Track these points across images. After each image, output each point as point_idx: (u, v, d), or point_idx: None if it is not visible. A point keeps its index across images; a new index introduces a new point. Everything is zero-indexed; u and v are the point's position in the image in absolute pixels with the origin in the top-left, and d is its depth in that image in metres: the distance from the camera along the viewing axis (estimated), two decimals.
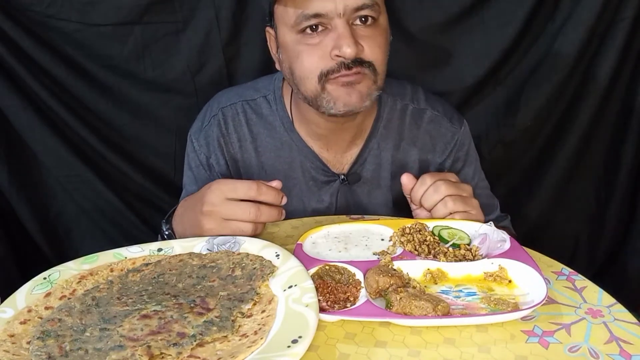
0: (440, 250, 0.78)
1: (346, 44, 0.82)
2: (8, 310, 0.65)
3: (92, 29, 1.23)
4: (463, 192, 0.87)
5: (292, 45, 0.88)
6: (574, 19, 1.31)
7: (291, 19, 0.86)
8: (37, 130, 1.30)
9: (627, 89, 1.40)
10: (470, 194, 0.88)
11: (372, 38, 0.86)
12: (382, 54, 0.89)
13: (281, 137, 1.04)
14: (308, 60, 0.87)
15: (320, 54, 0.86)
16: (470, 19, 1.32)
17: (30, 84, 1.26)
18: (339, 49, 0.83)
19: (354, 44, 0.83)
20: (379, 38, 0.88)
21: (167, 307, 0.65)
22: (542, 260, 0.78)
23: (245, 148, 1.05)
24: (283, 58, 0.93)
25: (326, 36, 0.85)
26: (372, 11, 0.86)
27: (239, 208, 0.80)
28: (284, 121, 1.03)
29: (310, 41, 0.86)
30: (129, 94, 1.33)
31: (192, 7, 1.26)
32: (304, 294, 0.66)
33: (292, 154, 1.04)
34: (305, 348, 0.57)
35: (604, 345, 0.61)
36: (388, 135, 1.05)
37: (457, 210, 0.85)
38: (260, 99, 1.05)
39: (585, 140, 1.44)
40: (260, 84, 1.08)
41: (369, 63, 0.86)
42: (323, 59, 0.85)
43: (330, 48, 0.84)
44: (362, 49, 0.85)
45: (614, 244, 1.57)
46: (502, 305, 0.66)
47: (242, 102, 1.05)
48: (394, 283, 0.68)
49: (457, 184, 0.88)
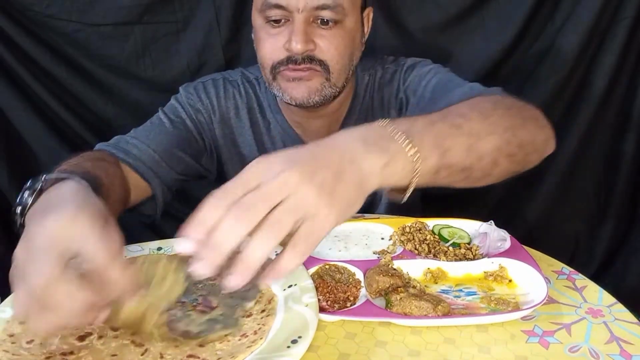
0: (440, 249, 0.78)
1: (295, 40, 0.85)
2: (8, 309, 0.65)
3: (92, 29, 1.23)
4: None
5: (257, 30, 0.92)
6: (574, 19, 1.31)
7: (258, 3, 0.90)
8: (37, 130, 1.30)
9: (627, 89, 1.40)
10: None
11: (329, 38, 0.88)
12: (339, 55, 0.90)
13: (269, 117, 1.06)
14: (265, 48, 0.91)
15: (276, 46, 0.89)
16: (470, 19, 1.32)
17: (30, 84, 1.26)
18: (289, 44, 0.86)
19: (303, 42, 0.85)
20: (338, 39, 0.89)
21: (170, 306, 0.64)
22: (542, 259, 0.78)
23: (240, 117, 1.06)
24: (254, 39, 0.96)
25: (285, 29, 0.88)
26: (334, 13, 0.87)
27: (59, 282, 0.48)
28: (271, 103, 1.05)
29: (271, 31, 0.89)
30: (129, 94, 1.33)
31: (192, 7, 1.26)
32: (303, 294, 0.66)
33: (278, 134, 1.06)
34: (305, 348, 0.57)
35: (604, 345, 0.61)
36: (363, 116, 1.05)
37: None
38: (254, 80, 1.07)
39: (585, 140, 1.43)
40: (252, 69, 1.10)
41: (321, 61, 0.88)
42: (276, 50, 0.89)
43: (285, 41, 0.87)
44: (314, 48, 0.87)
45: (614, 244, 1.57)
46: (502, 305, 0.66)
47: (242, 78, 1.07)
48: (394, 283, 0.68)
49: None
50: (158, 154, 0.94)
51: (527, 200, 1.53)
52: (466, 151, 0.63)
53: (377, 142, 0.55)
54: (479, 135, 0.65)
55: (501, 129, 0.68)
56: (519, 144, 0.69)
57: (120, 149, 0.91)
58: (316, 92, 0.91)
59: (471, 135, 0.64)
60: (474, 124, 0.66)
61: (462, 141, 0.63)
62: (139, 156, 0.92)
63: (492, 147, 0.66)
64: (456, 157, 0.62)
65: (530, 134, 0.72)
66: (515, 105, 0.75)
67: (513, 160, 0.69)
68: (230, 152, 1.06)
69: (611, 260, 1.58)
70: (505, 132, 0.68)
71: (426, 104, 0.95)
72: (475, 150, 0.64)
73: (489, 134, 0.66)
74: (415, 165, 0.57)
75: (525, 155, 0.71)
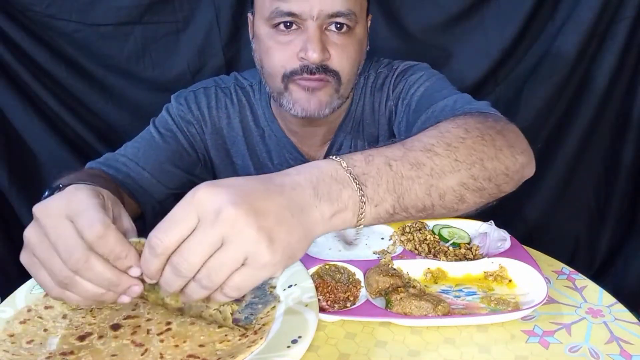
0: (440, 249, 0.78)
1: (312, 49, 0.82)
2: (7, 309, 0.65)
3: (92, 29, 1.23)
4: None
5: (264, 39, 0.88)
6: (574, 19, 1.31)
7: (266, 12, 0.85)
8: (37, 130, 1.30)
9: (627, 89, 1.40)
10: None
11: (342, 47, 0.86)
12: (350, 65, 0.88)
13: (263, 126, 1.03)
14: (275, 58, 0.86)
15: (289, 54, 0.85)
16: (470, 19, 1.32)
17: (30, 84, 1.26)
18: (305, 52, 0.83)
19: (320, 50, 0.82)
20: (350, 48, 0.87)
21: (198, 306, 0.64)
22: (542, 259, 0.78)
23: (232, 126, 1.03)
24: (256, 48, 0.92)
25: (297, 36, 0.84)
26: (348, 20, 0.85)
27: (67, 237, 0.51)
28: (265, 111, 1.02)
29: (281, 39, 0.85)
30: (129, 94, 1.33)
31: (192, 7, 1.26)
32: (303, 294, 0.66)
33: (272, 143, 1.03)
34: (305, 348, 0.57)
35: (604, 345, 0.61)
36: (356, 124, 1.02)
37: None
38: (248, 87, 1.04)
39: (585, 140, 1.44)
40: (247, 74, 1.07)
41: (334, 72, 0.86)
42: (290, 59, 0.85)
43: (299, 49, 0.84)
44: (329, 57, 0.85)
45: (614, 244, 1.57)
46: (502, 305, 0.66)
47: (235, 85, 1.04)
48: (394, 283, 0.68)
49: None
50: (147, 171, 0.93)
51: (527, 200, 1.53)
52: (426, 192, 0.60)
53: (328, 190, 0.53)
54: (442, 173, 0.61)
55: (467, 164, 0.63)
56: (487, 177, 0.64)
57: (110, 167, 0.91)
58: (327, 105, 0.89)
59: (433, 175, 0.60)
60: (438, 160, 0.61)
61: (422, 182, 0.59)
62: (128, 174, 0.91)
63: (455, 183, 0.61)
64: (414, 200, 0.59)
65: (501, 164, 0.66)
66: (492, 130, 0.68)
67: (482, 194, 0.65)
68: (224, 162, 1.04)
69: (611, 260, 1.58)
70: (472, 166, 0.63)
71: (410, 114, 0.93)
72: (436, 189, 0.60)
73: (453, 171, 0.61)
74: (366, 211, 0.55)
75: (496, 187, 0.66)
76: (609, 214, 1.53)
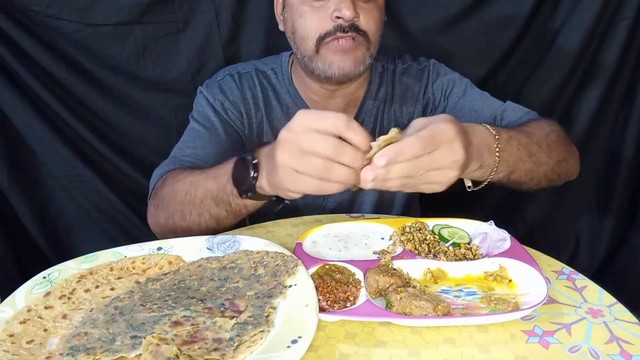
0: (440, 249, 0.78)
1: (346, 7, 0.90)
2: (7, 309, 0.65)
3: (92, 29, 1.23)
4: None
5: (297, 5, 0.96)
6: (574, 19, 1.31)
7: None
8: (37, 130, 1.30)
9: (627, 89, 1.40)
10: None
11: (368, 11, 0.95)
12: (376, 27, 0.97)
13: (289, 107, 1.09)
14: (309, 21, 0.94)
15: (322, 16, 0.93)
16: (470, 19, 1.32)
17: (30, 84, 1.26)
18: (339, 11, 0.91)
19: (353, 9, 0.90)
20: (375, 12, 0.96)
21: (197, 312, 0.63)
22: (542, 259, 0.78)
23: (258, 110, 1.09)
24: (287, 17, 1.00)
25: (328, 1, 0.92)
26: None
27: (321, 139, 0.64)
28: (289, 88, 1.09)
29: (315, 3, 0.93)
30: (129, 94, 1.33)
31: (192, 7, 1.26)
32: (303, 294, 0.66)
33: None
34: (305, 348, 0.57)
35: (604, 345, 0.61)
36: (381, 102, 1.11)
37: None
38: (269, 71, 1.11)
39: (585, 140, 1.44)
40: (267, 60, 1.14)
41: (363, 32, 0.94)
42: (323, 21, 0.93)
43: (332, 11, 0.92)
44: (359, 18, 0.93)
45: (614, 244, 1.57)
46: (502, 304, 0.66)
47: (255, 70, 1.11)
48: (394, 283, 0.68)
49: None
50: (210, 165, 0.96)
51: (527, 200, 1.53)
52: (526, 174, 0.84)
53: (479, 149, 0.72)
54: (540, 163, 0.85)
55: (554, 161, 0.88)
56: (560, 173, 0.91)
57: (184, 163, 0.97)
58: (361, 62, 0.96)
59: (535, 164, 0.84)
60: (543, 154, 0.85)
61: (528, 167, 0.83)
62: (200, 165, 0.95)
63: (543, 173, 0.87)
64: (516, 177, 0.83)
65: (568, 166, 0.93)
66: (565, 138, 0.94)
67: (549, 182, 0.91)
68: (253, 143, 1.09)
69: (611, 260, 1.58)
70: (557, 165, 0.89)
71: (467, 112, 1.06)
72: (531, 174, 0.84)
73: (546, 164, 0.86)
74: (488, 176, 0.78)
75: (558, 180, 0.93)
76: (609, 214, 1.54)
